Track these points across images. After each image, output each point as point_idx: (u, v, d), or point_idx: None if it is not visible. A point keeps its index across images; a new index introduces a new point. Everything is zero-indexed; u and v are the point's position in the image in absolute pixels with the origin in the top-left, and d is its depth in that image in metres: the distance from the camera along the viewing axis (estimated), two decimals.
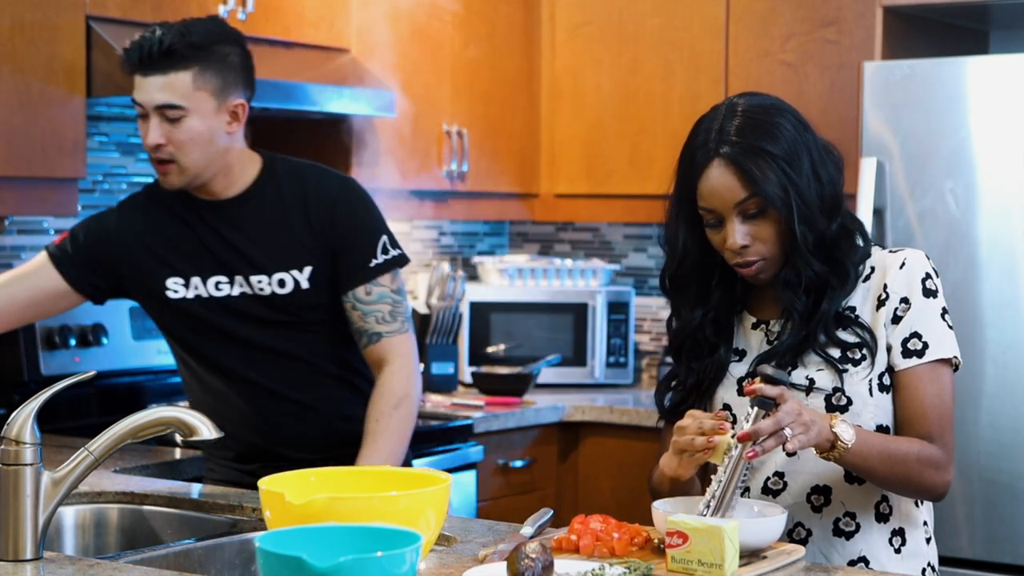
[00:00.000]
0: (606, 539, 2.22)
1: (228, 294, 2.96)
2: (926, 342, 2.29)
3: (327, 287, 2.96)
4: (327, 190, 2.98)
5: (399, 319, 2.96)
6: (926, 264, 2.34)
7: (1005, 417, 3.74)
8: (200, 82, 2.86)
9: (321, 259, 2.95)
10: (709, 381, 2.39)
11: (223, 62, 2.89)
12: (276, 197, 2.97)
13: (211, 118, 2.87)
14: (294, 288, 2.94)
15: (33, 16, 3.42)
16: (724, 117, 2.30)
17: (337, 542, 1.78)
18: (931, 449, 2.28)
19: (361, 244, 2.96)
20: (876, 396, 2.31)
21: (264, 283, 2.94)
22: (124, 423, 2.23)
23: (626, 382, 4.87)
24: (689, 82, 4.55)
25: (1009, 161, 3.73)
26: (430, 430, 4.12)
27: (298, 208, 2.96)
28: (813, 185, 2.27)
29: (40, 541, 2.18)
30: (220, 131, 2.89)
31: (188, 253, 2.98)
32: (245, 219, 2.96)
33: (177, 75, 2.85)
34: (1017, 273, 3.73)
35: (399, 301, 2.97)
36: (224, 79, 2.89)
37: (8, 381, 3.71)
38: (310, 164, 3.05)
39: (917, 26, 4.30)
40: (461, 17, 4.54)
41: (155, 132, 2.87)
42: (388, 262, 2.97)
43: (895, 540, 2.35)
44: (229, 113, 2.90)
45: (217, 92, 2.88)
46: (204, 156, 2.89)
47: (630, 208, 4.67)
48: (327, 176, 3.03)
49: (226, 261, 2.95)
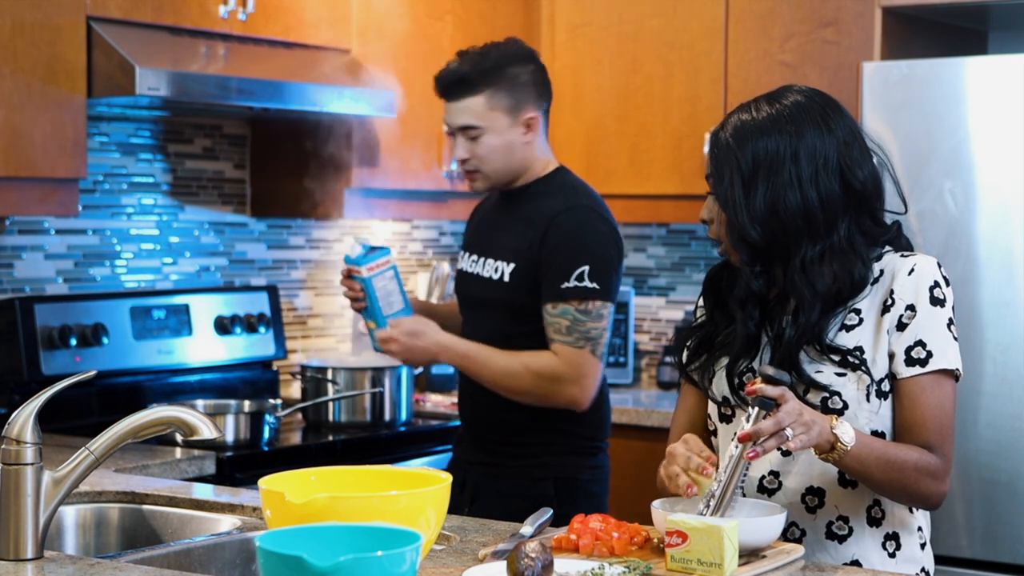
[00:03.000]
0: (606, 538, 2.23)
1: (472, 271, 3.36)
2: (930, 351, 2.29)
3: (526, 288, 3.24)
4: (560, 209, 3.24)
5: (574, 335, 3.19)
6: (936, 272, 2.32)
7: (1004, 416, 3.74)
8: (493, 103, 3.24)
9: (527, 263, 3.23)
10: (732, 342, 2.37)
11: (514, 82, 3.25)
12: (535, 198, 3.29)
13: (506, 132, 3.26)
14: (499, 277, 3.27)
15: (34, 16, 3.43)
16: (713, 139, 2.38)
17: (337, 541, 1.78)
18: (930, 458, 2.27)
19: (558, 265, 3.20)
20: (873, 402, 2.31)
21: (489, 267, 3.31)
22: (125, 423, 2.23)
23: (625, 382, 4.87)
24: (688, 82, 4.55)
25: (1008, 161, 3.74)
26: (430, 430, 4.13)
27: (534, 213, 3.26)
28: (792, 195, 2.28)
29: (41, 540, 2.19)
30: (517, 142, 3.28)
31: (478, 230, 3.43)
32: (512, 208, 3.32)
33: (473, 99, 3.25)
34: (1016, 273, 3.73)
35: (581, 321, 3.19)
36: (515, 97, 3.25)
37: (9, 381, 3.71)
38: (574, 187, 3.31)
39: (916, 27, 4.31)
40: (461, 17, 4.54)
41: (460, 149, 3.29)
42: (579, 289, 3.18)
43: (889, 544, 2.35)
44: (523, 125, 3.27)
45: (510, 110, 3.25)
46: (504, 164, 3.28)
47: (630, 208, 4.67)
48: (572, 198, 3.27)
49: (482, 241, 3.37)
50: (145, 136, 4.19)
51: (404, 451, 3.99)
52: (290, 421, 4.05)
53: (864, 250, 2.32)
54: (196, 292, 4.17)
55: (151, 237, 4.22)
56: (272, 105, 3.85)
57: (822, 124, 2.31)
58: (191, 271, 4.32)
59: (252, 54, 3.92)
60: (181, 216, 4.30)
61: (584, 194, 3.30)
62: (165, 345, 4.04)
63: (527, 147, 3.29)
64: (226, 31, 3.85)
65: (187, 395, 4.03)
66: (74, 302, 3.85)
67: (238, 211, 4.44)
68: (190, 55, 3.77)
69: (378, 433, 4.01)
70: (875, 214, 2.35)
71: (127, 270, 4.15)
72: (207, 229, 4.36)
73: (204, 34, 3.83)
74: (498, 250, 3.31)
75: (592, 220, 3.24)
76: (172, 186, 4.27)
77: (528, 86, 3.27)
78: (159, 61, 3.59)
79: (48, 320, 3.76)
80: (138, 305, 3.99)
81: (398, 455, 3.95)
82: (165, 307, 4.06)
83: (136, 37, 3.61)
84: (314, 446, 3.84)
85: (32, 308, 3.74)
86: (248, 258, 4.47)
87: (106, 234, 4.10)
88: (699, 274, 4.94)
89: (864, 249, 2.32)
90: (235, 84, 3.76)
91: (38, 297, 3.81)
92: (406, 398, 4.11)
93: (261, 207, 4.44)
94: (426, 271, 4.92)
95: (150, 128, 4.21)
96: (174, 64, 3.65)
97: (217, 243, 4.38)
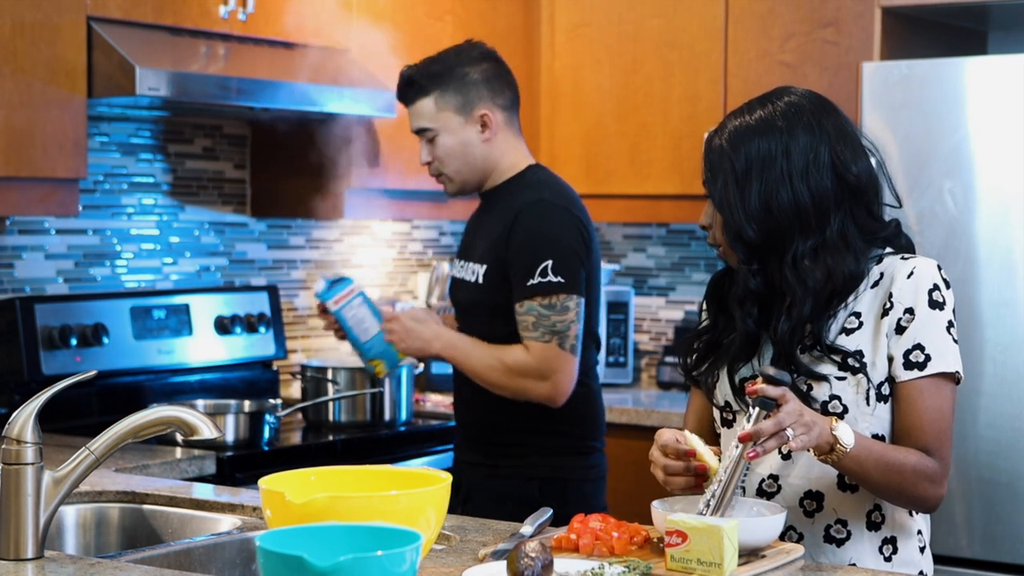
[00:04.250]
0: (605, 538, 2.23)
1: (459, 276, 3.39)
2: (928, 355, 2.29)
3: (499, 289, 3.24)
4: (521, 206, 3.24)
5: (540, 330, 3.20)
6: (935, 275, 2.32)
7: (1003, 416, 3.74)
8: (442, 103, 3.28)
9: (497, 263, 3.24)
10: (734, 350, 2.38)
11: (462, 81, 3.28)
12: (505, 198, 3.29)
13: (460, 132, 3.29)
14: (475, 280, 3.30)
15: (34, 17, 3.43)
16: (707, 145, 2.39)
17: (337, 541, 1.78)
18: (928, 461, 2.27)
19: (522, 263, 3.20)
20: (873, 405, 2.31)
21: (469, 270, 3.34)
22: (125, 422, 2.23)
23: (625, 382, 4.88)
24: (688, 83, 4.55)
25: (1007, 161, 3.74)
26: (430, 430, 4.14)
27: (501, 214, 3.27)
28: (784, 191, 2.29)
29: (41, 540, 2.19)
30: (473, 141, 3.30)
31: (465, 236, 3.45)
32: (487, 210, 3.35)
33: (423, 101, 3.30)
34: (1015, 273, 3.73)
35: (545, 316, 3.20)
36: (465, 96, 3.28)
37: (9, 381, 3.72)
38: (540, 183, 3.30)
39: (916, 27, 4.31)
40: (461, 17, 4.54)
41: (423, 152, 3.35)
42: (543, 284, 3.18)
43: (885, 548, 2.35)
44: (478, 123, 3.28)
45: (459, 108, 3.28)
46: (464, 164, 3.31)
47: (629, 208, 4.67)
48: (535, 194, 3.26)
49: (466, 246, 3.39)
50: (145, 136, 4.20)
51: (404, 451, 3.99)
52: (290, 421, 4.05)
53: (859, 244, 2.33)
54: (196, 292, 4.18)
55: (151, 237, 4.22)
56: (272, 105, 3.85)
57: (814, 122, 2.33)
58: (191, 271, 4.32)
59: (252, 54, 3.92)
60: (181, 216, 4.30)
61: (549, 188, 3.29)
62: (165, 345, 4.04)
63: (486, 145, 3.30)
64: (226, 31, 3.85)
65: (187, 395, 4.04)
66: (74, 302, 3.86)
67: (238, 211, 4.44)
68: (190, 55, 3.77)
69: (378, 433, 4.02)
70: (871, 208, 2.36)
71: (127, 270, 4.16)
72: (207, 229, 4.36)
73: (204, 34, 3.83)
74: (475, 253, 3.34)
75: (553, 213, 3.23)
76: (172, 186, 4.27)
77: (478, 84, 3.29)
78: (159, 61, 3.60)
79: (48, 320, 3.76)
80: (138, 305, 3.99)
81: (398, 455, 3.95)
82: (165, 307, 4.06)
83: (136, 37, 3.61)
84: (314, 446, 3.85)
85: (32, 308, 3.74)
86: (248, 258, 4.47)
87: (106, 234, 4.10)
88: (699, 274, 4.94)
89: (860, 243, 2.33)
90: (235, 84, 3.76)
91: (38, 297, 3.81)
92: (406, 398, 4.12)
93: (261, 207, 4.45)
94: (426, 271, 4.92)
95: (150, 128, 4.21)
96: (174, 64, 3.65)
97: (217, 243, 4.39)
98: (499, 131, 3.31)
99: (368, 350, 3.45)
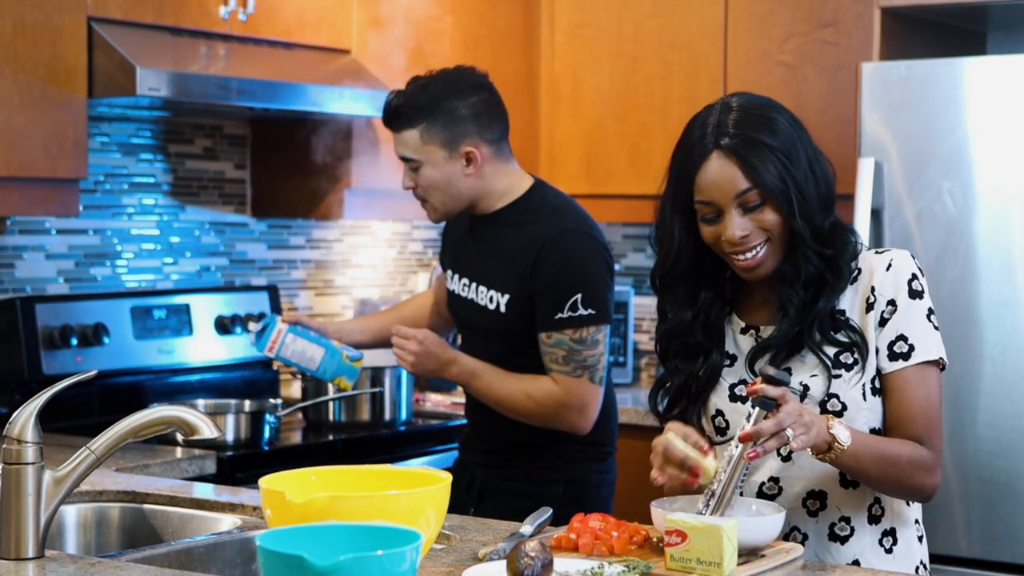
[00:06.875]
0: (605, 538, 2.23)
1: (466, 295, 3.30)
2: (912, 344, 2.30)
3: (524, 317, 3.19)
4: (544, 238, 3.17)
5: (571, 365, 3.15)
6: (911, 265, 2.34)
7: (1003, 416, 3.74)
8: (427, 137, 3.19)
9: (521, 294, 3.18)
10: (702, 385, 2.40)
11: (451, 115, 3.18)
12: (517, 224, 3.23)
13: (444, 166, 3.20)
14: (495, 308, 3.22)
15: (35, 17, 3.43)
16: (720, 112, 2.33)
17: (337, 541, 1.78)
18: (921, 451, 2.29)
19: (550, 296, 3.14)
20: (869, 400, 2.31)
21: (483, 295, 3.25)
22: (125, 422, 2.24)
23: (625, 381, 4.88)
24: (688, 83, 4.55)
25: (1007, 161, 3.74)
26: (430, 429, 4.14)
27: (521, 241, 3.20)
28: (810, 180, 2.29)
29: (42, 540, 2.19)
30: (457, 175, 3.21)
31: (458, 251, 3.36)
32: (490, 233, 3.26)
33: (408, 132, 3.20)
34: (1015, 273, 3.73)
35: (577, 351, 3.15)
36: (452, 131, 3.18)
37: (9, 380, 3.72)
38: (556, 209, 3.24)
39: (915, 27, 4.31)
40: (461, 17, 4.54)
41: (405, 179, 3.26)
42: (574, 319, 3.13)
43: (885, 540, 2.36)
44: (463, 159, 3.19)
45: (445, 143, 3.18)
46: (448, 196, 3.23)
47: (629, 208, 4.67)
48: (555, 224, 3.20)
49: (469, 265, 3.30)
50: (146, 136, 4.20)
51: (404, 451, 4.00)
52: (290, 421, 4.05)
53: (845, 236, 2.34)
54: (197, 292, 4.18)
55: (152, 237, 4.23)
56: (272, 105, 3.85)
57: (791, 115, 2.34)
58: (192, 271, 4.33)
59: (252, 54, 3.92)
60: (182, 216, 4.30)
61: (568, 215, 3.23)
62: (166, 345, 4.04)
63: (471, 179, 3.21)
64: (226, 31, 3.86)
65: (188, 395, 4.04)
66: (75, 302, 3.86)
67: (238, 211, 4.44)
68: (191, 55, 3.78)
69: (378, 433, 4.02)
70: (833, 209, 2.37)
71: (128, 270, 4.16)
72: (208, 229, 4.37)
73: (204, 34, 3.83)
74: (489, 278, 3.25)
75: (581, 244, 3.19)
76: (173, 186, 4.27)
77: (467, 120, 3.19)
78: (160, 61, 3.60)
79: (49, 320, 3.76)
80: (139, 305, 3.99)
81: (398, 455, 3.95)
82: (166, 307, 4.06)
83: (137, 37, 3.62)
84: (314, 446, 3.85)
85: (33, 308, 3.74)
86: (248, 258, 4.47)
87: (107, 234, 4.11)
88: None
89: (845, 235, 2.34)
90: (235, 84, 3.77)
91: (39, 297, 3.82)
92: (406, 398, 4.12)
93: (261, 207, 4.45)
94: (426, 271, 4.92)
95: (151, 128, 4.21)
96: (175, 64, 3.66)
97: (217, 243, 4.39)
98: (486, 164, 3.22)
99: (323, 374, 3.49)
